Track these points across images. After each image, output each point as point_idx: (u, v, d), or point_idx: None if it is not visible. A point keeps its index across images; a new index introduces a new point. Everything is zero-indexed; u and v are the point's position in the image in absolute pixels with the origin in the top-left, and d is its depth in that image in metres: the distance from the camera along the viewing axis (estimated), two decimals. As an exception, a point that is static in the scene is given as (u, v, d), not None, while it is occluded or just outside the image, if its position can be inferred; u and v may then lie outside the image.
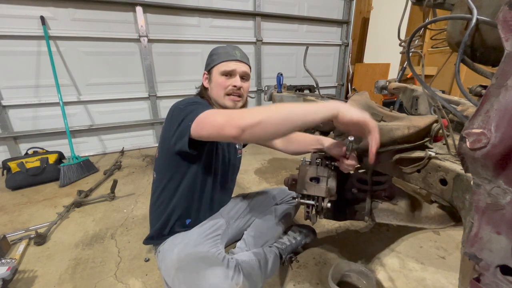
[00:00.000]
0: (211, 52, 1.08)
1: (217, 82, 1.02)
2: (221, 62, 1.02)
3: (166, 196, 1.04)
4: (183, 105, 0.90)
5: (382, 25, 3.93)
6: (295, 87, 3.47)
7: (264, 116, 0.68)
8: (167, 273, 0.98)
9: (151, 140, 3.21)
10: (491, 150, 0.38)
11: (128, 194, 1.99)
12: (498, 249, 0.41)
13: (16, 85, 2.48)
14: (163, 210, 1.05)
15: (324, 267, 1.23)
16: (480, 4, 0.58)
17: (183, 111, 0.87)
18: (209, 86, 1.06)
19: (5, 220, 1.69)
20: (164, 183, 1.04)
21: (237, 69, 1.02)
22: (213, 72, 1.04)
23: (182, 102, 0.93)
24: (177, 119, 0.87)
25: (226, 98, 1.02)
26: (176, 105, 0.94)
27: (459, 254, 1.10)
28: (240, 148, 1.22)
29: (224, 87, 1.01)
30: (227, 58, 1.02)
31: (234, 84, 1.01)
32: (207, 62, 1.07)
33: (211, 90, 1.05)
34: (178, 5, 2.86)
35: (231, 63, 1.02)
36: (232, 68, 1.01)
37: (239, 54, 1.04)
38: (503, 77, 0.37)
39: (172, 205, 1.04)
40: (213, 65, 1.03)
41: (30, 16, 2.37)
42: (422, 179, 0.86)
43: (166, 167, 1.02)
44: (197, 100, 0.95)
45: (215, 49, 1.07)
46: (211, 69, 1.05)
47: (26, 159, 2.17)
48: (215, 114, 0.78)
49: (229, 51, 1.03)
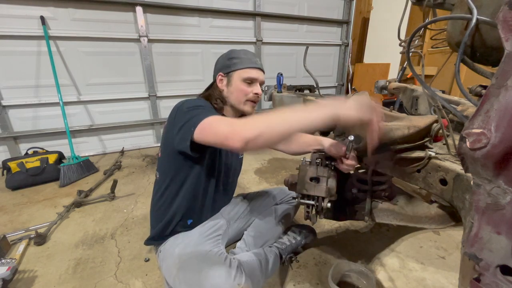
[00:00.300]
0: (230, 54, 1.04)
1: (238, 88, 1.01)
2: (245, 68, 1.01)
3: (168, 196, 1.04)
4: (186, 108, 0.89)
5: (382, 25, 3.93)
6: (295, 87, 3.47)
7: (266, 127, 0.69)
8: (168, 272, 0.98)
9: (151, 140, 3.21)
10: (491, 150, 0.38)
11: (128, 194, 1.99)
12: (498, 249, 0.41)
13: (16, 85, 2.48)
14: (165, 211, 1.05)
15: (324, 267, 1.23)
16: (480, 4, 0.58)
17: (187, 114, 0.86)
18: (226, 89, 1.04)
19: (5, 220, 1.69)
20: (167, 183, 1.04)
21: (259, 78, 1.03)
22: (233, 76, 1.02)
23: (185, 103, 0.92)
24: (180, 121, 0.87)
25: (246, 103, 1.03)
26: (179, 106, 0.93)
27: (459, 254, 1.10)
28: None
29: (246, 93, 1.02)
30: (251, 65, 1.02)
31: (256, 92, 1.03)
32: (225, 64, 1.03)
33: (230, 93, 1.03)
34: (178, 5, 2.86)
35: (254, 70, 1.02)
36: (255, 77, 1.02)
37: (259, 62, 1.05)
38: (503, 77, 0.37)
39: (175, 205, 1.04)
40: (234, 69, 1.01)
41: (30, 16, 2.37)
42: (422, 179, 0.86)
43: (169, 167, 1.02)
44: (200, 104, 0.93)
45: (235, 52, 1.04)
46: (231, 72, 1.02)
47: (26, 159, 2.17)
48: (218, 123, 0.77)
49: (251, 58, 1.03)
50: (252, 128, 0.70)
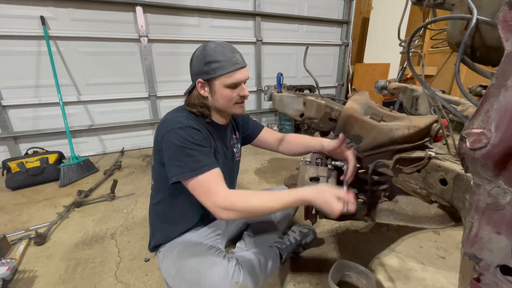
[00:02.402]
0: (207, 57, 0.89)
1: (223, 95, 0.93)
2: (226, 73, 0.89)
3: (165, 204, 1.04)
4: (175, 142, 0.85)
5: (382, 25, 3.93)
6: (295, 87, 3.48)
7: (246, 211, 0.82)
8: (167, 272, 0.98)
9: (151, 140, 3.21)
10: (491, 150, 0.38)
11: (128, 194, 1.99)
12: (498, 249, 0.41)
13: (16, 85, 2.48)
14: (163, 218, 1.05)
15: (324, 267, 1.23)
16: (480, 4, 0.58)
17: (176, 155, 0.86)
18: (210, 97, 0.95)
19: (5, 220, 1.69)
20: (161, 192, 1.03)
21: (244, 78, 0.94)
22: (215, 84, 0.91)
23: (173, 133, 0.87)
24: (168, 156, 0.88)
25: (235, 106, 0.97)
26: (167, 134, 0.87)
27: (459, 254, 1.10)
28: (238, 151, 1.20)
29: (232, 99, 0.94)
30: (232, 67, 0.90)
31: (243, 95, 0.96)
32: (203, 70, 0.90)
33: (215, 101, 0.95)
34: (178, 5, 2.86)
35: (236, 73, 0.91)
36: (240, 79, 0.92)
37: (240, 58, 0.93)
38: (503, 77, 0.37)
39: (172, 212, 1.04)
40: (214, 76, 0.90)
41: (30, 16, 2.37)
42: (422, 179, 0.86)
43: (162, 175, 0.97)
44: (190, 139, 0.86)
45: (211, 53, 0.89)
46: (211, 80, 0.91)
47: (26, 159, 2.17)
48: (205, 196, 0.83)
49: (230, 58, 0.90)
50: (230, 215, 0.81)
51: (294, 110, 1.54)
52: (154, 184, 1.06)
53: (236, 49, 0.95)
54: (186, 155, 0.85)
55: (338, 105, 1.29)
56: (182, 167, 0.85)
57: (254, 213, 0.84)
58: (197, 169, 0.84)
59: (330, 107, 1.27)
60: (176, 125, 0.88)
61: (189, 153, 0.85)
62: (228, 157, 1.12)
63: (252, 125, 1.26)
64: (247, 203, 0.81)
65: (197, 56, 0.93)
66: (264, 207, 0.81)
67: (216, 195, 0.81)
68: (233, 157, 1.17)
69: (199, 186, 0.84)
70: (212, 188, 0.83)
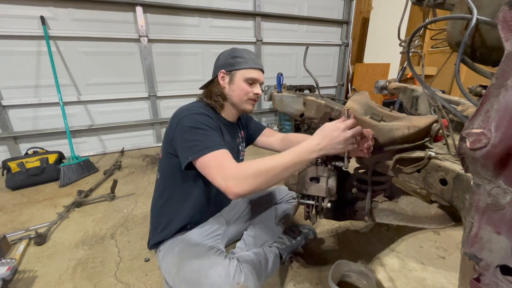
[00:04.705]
0: (234, 53, 1.04)
1: (240, 87, 1.02)
2: (248, 68, 1.02)
3: (168, 197, 1.05)
4: (187, 126, 0.89)
5: (382, 25, 3.93)
6: (295, 87, 3.48)
7: (259, 183, 0.78)
8: (167, 272, 0.98)
9: (151, 140, 3.21)
10: (491, 150, 0.38)
11: (128, 194, 1.99)
12: (498, 249, 0.41)
13: (16, 85, 2.48)
14: (165, 212, 1.05)
15: (324, 267, 1.23)
16: (480, 4, 0.58)
17: (188, 135, 0.88)
18: (228, 87, 1.04)
19: (5, 220, 1.69)
20: (166, 185, 1.04)
21: (260, 79, 1.05)
22: (236, 75, 1.02)
23: (185, 118, 0.91)
24: (180, 139, 0.90)
25: (247, 102, 1.05)
26: (179, 120, 0.92)
27: (459, 254, 1.10)
28: (243, 150, 1.23)
29: (247, 93, 1.03)
30: (254, 65, 1.03)
31: (257, 93, 1.05)
32: (228, 62, 1.03)
33: (231, 91, 1.04)
34: (178, 5, 2.86)
35: (256, 71, 1.04)
36: (257, 77, 1.04)
37: (261, 63, 1.07)
38: (503, 77, 0.37)
39: (175, 207, 1.04)
40: (238, 68, 1.02)
41: (30, 16, 2.37)
42: (422, 179, 0.86)
43: (169, 169, 1.03)
44: (200, 122, 0.91)
45: (239, 51, 1.04)
46: (233, 71, 1.02)
47: (26, 159, 2.17)
48: (215, 172, 0.81)
49: (254, 59, 1.05)
50: (244, 186, 0.77)
51: (294, 110, 1.54)
52: (160, 177, 1.08)
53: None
54: (200, 135, 0.88)
55: (338, 105, 1.29)
56: (196, 146, 0.86)
57: (268, 176, 0.78)
58: (210, 147, 0.85)
59: (330, 107, 1.27)
60: (191, 112, 0.94)
61: (203, 133, 0.88)
62: (233, 154, 1.13)
63: (254, 126, 1.28)
64: (257, 167, 0.78)
65: (226, 52, 1.06)
66: (275, 164, 0.78)
67: (227, 168, 0.81)
68: (238, 155, 1.19)
69: (210, 163, 0.83)
70: (224, 162, 0.83)
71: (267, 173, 0.78)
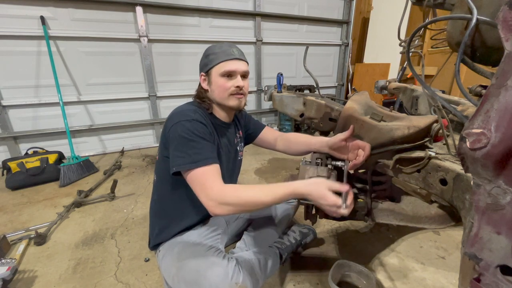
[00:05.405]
0: (207, 51, 1.00)
1: (218, 84, 0.97)
2: (220, 62, 0.95)
3: (166, 199, 1.05)
4: (180, 134, 0.88)
5: (382, 25, 3.93)
6: (295, 87, 3.48)
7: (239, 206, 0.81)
8: (167, 272, 0.98)
9: (151, 140, 3.21)
10: (491, 150, 0.38)
11: (128, 194, 1.99)
12: (498, 249, 0.41)
13: (16, 85, 2.48)
14: (164, 214, 1.05)
15: (324, 267, 1.23)
16: (480, 4, 0.58)
17: (179, 146, 0.88)
18: (209, 88, 1.00)
19: (5, 220, 1.69)
20: (164, 187, 1.04)
21: (238, 69, 0.97)
22: (212, 74, 0.97)
23: (179, 124, 0.90)
24: (172, 146, 0.90)
25: (231, 98, 0.99)
26: (174, 126, 0.90)
27: (459, 254, 1.10)
28: (241, 150, 1.21)
29: (226, 89, 0.96)
30: (226, 57, 0.95)
31: (237, 85, 0.97)
32: (204, 63, 1.00)
33: (212, 92, 1.00)
34: (178, 5, 2.86)
35: (230, 62, 0.95)
36: (233, 69, 0.96)
37: (237, 52, 0.98)
38: (503, 77, 0.37)
39: (172, 208, 1.04)
40: (211, 66, 0.97)
41: (30, 16, 2.37)
42: (422, 179, 0.86)
43: (165, 170, 0.99)
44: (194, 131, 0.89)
45: (211, 48, 0.99)
46: (209, 70, 0.98)
47: (26, 159, 2.17)
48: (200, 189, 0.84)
49: (226, 50, 0.97)
50: (223, 210, 0.81)
51: (294, 110, 1.55)
52: (157, 178, 1.07)
53: (236, 46, 1.02)
54: (190, 147, 0.87)
55: (338, 105, 1.29)
56: (184, 158, 0.86)
57: (246, 207, 0.82)
58: (197, 161, 0.85)
59: (330, 107, 1.27)
60: (183, 118, 0.92)
61: (192, 145, 0.87)
62: (231, 155, 1.13)
63: (253, 125, 1.27)
64: (238, 197, 0.81)
65: (203, 54, 1.02)
66: (256, 200, 0.80)
67: (210, 189, 0.82)
68: (236, 155, 1.17)
69: (196, 179, 0.85)
70: (208, 181, 0.84)
71: (246, 205, 0.81)
